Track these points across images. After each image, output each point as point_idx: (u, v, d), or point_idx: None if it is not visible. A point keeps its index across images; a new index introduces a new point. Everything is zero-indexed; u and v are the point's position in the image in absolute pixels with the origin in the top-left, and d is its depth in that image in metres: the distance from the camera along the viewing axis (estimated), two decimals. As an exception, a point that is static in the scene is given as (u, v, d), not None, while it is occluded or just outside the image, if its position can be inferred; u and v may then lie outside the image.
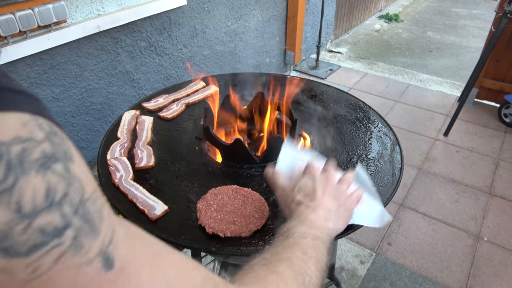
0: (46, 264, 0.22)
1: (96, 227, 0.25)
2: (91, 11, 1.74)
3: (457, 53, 4.17)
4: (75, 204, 0.24)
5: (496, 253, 1.84)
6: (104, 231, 0.26)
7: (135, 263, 0.27)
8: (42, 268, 0.22)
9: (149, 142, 1.12)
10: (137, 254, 0.28)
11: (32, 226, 0.21)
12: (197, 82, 1.45)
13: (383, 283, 1.71)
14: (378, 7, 5.36)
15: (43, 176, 0.22)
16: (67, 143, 0.26)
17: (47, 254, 0.22)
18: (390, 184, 0.97)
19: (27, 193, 0.21)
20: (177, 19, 2.17)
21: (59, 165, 0.23)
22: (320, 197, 0.62)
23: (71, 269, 0.23)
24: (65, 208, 0.23)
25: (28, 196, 0.21)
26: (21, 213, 0.21)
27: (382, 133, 1.18)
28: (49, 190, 0.22)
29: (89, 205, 0.25)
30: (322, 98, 1.39)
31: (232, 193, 0.91)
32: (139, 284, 0.27)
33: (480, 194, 2.18)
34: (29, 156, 0.22)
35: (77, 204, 0.24)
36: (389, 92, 3.25)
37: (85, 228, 0.24)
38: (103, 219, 0.26)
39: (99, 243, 0.25)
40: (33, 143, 0.22)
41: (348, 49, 4.18)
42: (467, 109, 2.94)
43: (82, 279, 0.23)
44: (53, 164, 0.23)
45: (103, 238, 0.25)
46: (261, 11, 2.86)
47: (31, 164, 0.22)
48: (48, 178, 0.22)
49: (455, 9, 5.75)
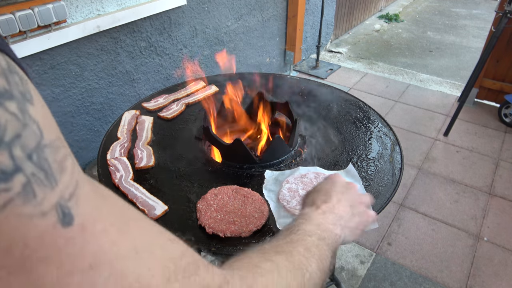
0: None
1: (54, 177, 0.23)
2: (91, 11, 1.74)
3: (457, 53, 4.17)
4: (29, 148, 0.21)
5: (496, 253, 1.84)
6: (63, 184, 0.23)
7: (99, 224, 0.25)
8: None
9: (149, 142, 1.12)
10: (103, 214, 0.26)
11: None
12: (197, 82, 1.45)
13: (383, 283, 1.71)
14: (378, 7, 5.36)
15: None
16: (28, 86, 0.24)
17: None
18: (390, 184, 0.97)
19: None
20: (177, 19, 2.17)
21: (13, 103, 0.21)
22: (334, 202, 0.59)
23: (21, 218, 0.21)
24: (15, 150, 0.21)
25: None
26: None
27: (382, 133, 1.18)
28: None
29: (47, 152, 0.23)
30: (322, 98, 1.39)
31: (232, 193, 0.91)
32: (101, 245, 0.24)
33: (480, 194, 2.18)
34: None
35: (31, 149, 0.22)
36: (389, 92, 3.25)
37: (39, 176, 0.22)
38: (64, 170, 0.24)
39: (55, 195, 0.22)
40: None
41: (348, 49, 4.18)
42: (467, 109, 2.94)
43: (33, 231, 0.21)
44: (5, 101, 0.21)
45: (61, 190, 0.23)
46: (261, 11, 2.86)
47: None
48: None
49: (455, 9, 5.75)
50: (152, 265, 0.26)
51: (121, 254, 0.25)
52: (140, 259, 0.26)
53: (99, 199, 0.26)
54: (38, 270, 0.22)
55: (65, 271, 0.22)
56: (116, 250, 0.25)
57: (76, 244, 0.23)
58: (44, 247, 0.22)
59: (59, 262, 0.22)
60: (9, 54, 0.23)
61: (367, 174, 1.00)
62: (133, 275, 0.25)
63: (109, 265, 0.24)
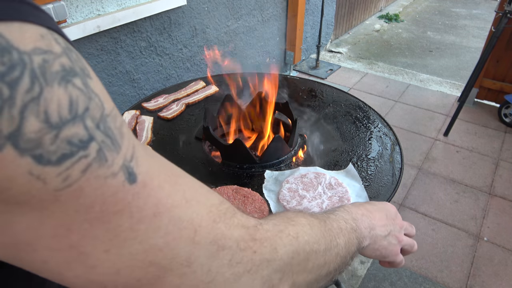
0: (75, 174, 0.23)
1: (118, 142, 0.26)
2: (91, 11, 1.74)
3: (457, 53, 4.17)
4: (96, 119, 0.24)
5: (496, 253, 1.84)
6: (125, 147, 0.27)
7: (156, 179, 0.29)
8: (72, 178, 0.23)
9: (149, 142, 1.12)
10: (157, 171, 0.30)
11: (60, 136, 0.22)
12: (197, 82, 1.45)
13: (383, 283, 1.71)
14: (378, 7, 5.36)
15: (65, 89, 0.23)
16: (83, 60, 0.26)
17: (76, 165, 0.23)
18: (390, 184, 0.97)
19: (52, 104, 0.22)
20: (177, 19, 2.17)
21: (78, 79, 0.24)
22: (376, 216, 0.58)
23: (98, 180, 0.24)
24: (87, 121, 0.24)
25: (54, 107, 0.22)
26: (49, 123, 0.22)
27: (382, 133, 1.17)
28: (72, 103, 0.23)
29: (109, 121, 0.26)
30: (322, 98, 1.39)
31: (232, 193, 0.91)
32: (160, 198, 0.29)
33: (480, 194, 2.18)
34: (50, 67, 0.22)
35: (98, 119, 0.25)
36: (389, 92, 3.25)
37: (107, 142, 0.25)
38: (123, 135, 0.27)
39: (121, 158, 0.26)
40: (52, 55, 0.23)
41: (348, 49, 4.18)
42: (467, 109, 2.94)
43: (108, 190, 0.25)
44: (72, 78, 0.23)
45: (125, 153, 0.26)
46: (261, 11, 2.86)
47: (53, 76, 0.22)
48: (70, 91, 0.23)
49: (455, 9, 5.75)
50: (199, 211, 0.31)
51: (175, 204, 0.30)
52: (190, 207, 0.31)
53: (151, 159, 0.30)
54: (114, 221, 0.26)
55: (135, 219, 0.27)
56: (171, 201, 0.29)
57: (141, 198, 0.27)
58: (117, 202, 0.26)
59: (130, 213, 0.26)
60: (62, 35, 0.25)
61: (367, 174, 1.00)
62: (186, 219, 0.30)
63: (167, 212, 0.29)
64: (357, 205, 0.59)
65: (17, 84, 0.20)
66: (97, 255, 0.26)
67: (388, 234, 0.60)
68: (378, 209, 0.60)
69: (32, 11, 0.23)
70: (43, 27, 0.23)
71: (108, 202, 0.25)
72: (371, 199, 0.92)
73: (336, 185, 0.93)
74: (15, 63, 0.20)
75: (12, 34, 0.21)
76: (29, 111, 0.21)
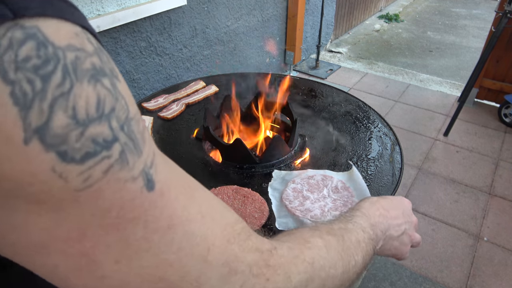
0: (96, 174, 0.23)
1: (139, 147, 0.26)
2: (91, 11, 1.74)
3: (457, 53, 4.17)
4: (121, 120, 0.24)
5: (496, 253, 1.84)
6: (146, 152, 0.26)
7: (173, 190, 0.28)
8: (93, 178, 0.23)
9: (149, 142, 1.12)
10: (175, 182, 0.29)
11: (85, 134, 0.22)
12: (197, 82, 1.45)
13: (383, 283, 1.71)
14: (378, 7, 5.36)
15: (94, 87, 0.23)
16: (112, 62, 0.26)
17: (98, 164, 0.23)
18: (390, 184, 0.96)
19: (81, 100, 0.22)
20: (177, 19, 2.17)
21: (107, 80, 0.24)
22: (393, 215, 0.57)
23: (118, 182, 0.24)
24: (113, 122, 0.24)
25: (82, 104, 0.22)
26: (76, 120, 0.21)
27: (382, 133, 1.17)
28: (99, 102, 0.23)
29: (133, 124, 0.26)
30: (322, 98, 1.39)
31: (232, 193, 0.91)
32: (176, 209, 0.28)
33: (480, 194, 2.18)
34: (82, 65, 0.22)
35: (123, 120, 0.25)
36: (389, 92, 3.25)
37: (129, 145, 0.25)
38: (145, 140, 0.27)
39: (141, 163, 0.26)
40: (84, 54, 0.23)
41: (348, 49, 4.18)
42: (467, 109, 2.94)
43: (127, 195, 0.25)
44: (102, 78, 0.24)
45: (145, 158, 0.26)
46: (261, 11, 2.86)
47: (84, 73, 0.22)
48: (98, 90, 0.23)
49: (455, 9, 5.75)
50: (214, 228, 0.30)
51: (190, 218, 0.29)
52: (205, 223, 0.30)
53: (169, 169, 0.30)
54: (129, 229, 0.25)
55: (150, 230, 0.26)
56: (186, 214, 0.29)
57: (157, 207, 0.27)
58: (134, 208, 0.25)
59: (145, 222, 0.26)
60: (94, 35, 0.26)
61: (367, 174, 1.00)
62: (200, 235, 0.29)
63: (182, 226, 0.28)
64: (374, 202, 0.58)
65: (50, 78, 0.20)
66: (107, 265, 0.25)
67: (402, 234, 0.59)
68: (395, 206, 0.59)
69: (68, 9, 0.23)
70: (77, 26, 0.23)
71: (125, 207, 0.25)
72: (371, 199, 0.92)
73: (343, 189, 0.93)
74: (50, 57, 0.21)
75: (49, 29, 0.21)
76: (58, 106, 0.21)
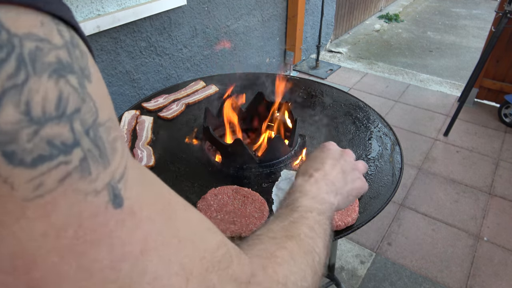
0: (51, 182, 0.20)
1: (107, 157, 0.23)
2: (91, 11, 1.74)
3: (457, 53, 4.17)
4: (87, 124, 0.21)
5: (496, 253, 1.84)
6: (115, 164, 0.23)
7: (147, 209, 0.25)
8: (46, 186, 0.20)
9: (149, 142, 1.12)
10: (151, 200, 0.26)
11: (40, 134, 0.19)
12: (197, 82, 1.45)
13: (383, 283, 1.71)
14: (378, 7, 5.36)
15: (55, 82, 0.20)
16: (88, 62, 0.23)
17: (53, 171, 0.20)
18: (390, 184, 0.97)
19: (37, 95, 0.19)
20: (177, 19, 2.17)
21: (73, 78, 0.21)
22: (327, 168, 0.58)
23: (77, 195, 0.21)
24: (75, 124, 0.21)
25: (38, 99, 0.19)
26: (29, 116, 0.19)
27: (382, 133, 1.18)
28: (60, 100, 0.20)
29: (102, 131, 0.23)
30: (322, 98, 1.39)
31: (232, 193, 0.91)
32: (149, 232, 0.24)
33: (480, 194, 2.18)
34: (43, 57, 0.20)
35: (89, 124, 0.22)
36: (389, 92, 3.25)
37: (94, 152, 0.22)
38: (115, 150, 0.24)
39: (108, 175, 0.22)
40: (48, 45, 0.20)
41: (348, 49, 4.18)
42: (467, 109, 2.94)
43: (87, 210, 0.21)
44: (67, 74, 0.21)
45: (113, 170, 0.23)
46: (261, 11, 2.86)
47: (45, 66, 0.20)
48: (61, 86, 0.20)
49: (455, 9, 5.75)
50: (192, 255, 0.27)
51: (166, 242, 0.25)
52: (182, 249, 0.26)
53: (146, 185, 0.26)
54: (90, 254, 0.21)
55: (118, 255, 0.22)
56: (162, 239, 0.25)
57: (126, 227, 0.23)
58: (96, 228, 0.21)
59: (110, 245, 0.22)
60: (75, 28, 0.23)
61: (367, 174, 1.00)
62: (177, 262, 0.25)
63: (156, 252, 0.24)
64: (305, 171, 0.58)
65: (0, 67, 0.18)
66: None
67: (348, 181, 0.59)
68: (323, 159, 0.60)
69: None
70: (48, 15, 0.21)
71: (85, 226, 0.21)
72: (371, 199, 0.92)
73: None
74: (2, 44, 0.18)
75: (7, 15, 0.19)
76: (8, 99, 0.18)
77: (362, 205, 0.89)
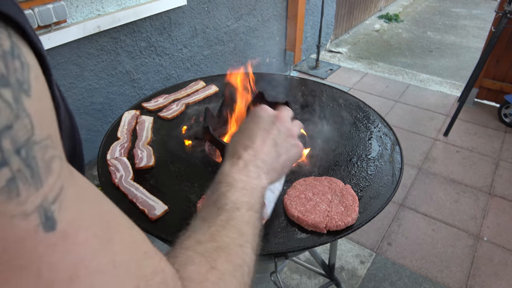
0: None
1: (39, 178, 0.21)
2: (91, 11, 1.74)
3: (457, 53, 4.17)
4: (18, 142, 0.20)
5: (496, 253, 1.84)
6: (49, 185, 0.22)
7: (84, 232, 0.23)
8: None
9: (149, 142, 1.12)
10: (87, 223, 0.24)
11: None
12: (197, 82, 1.45)
13: (383, 283, 1.71)
14: (378, 7, 5.36)
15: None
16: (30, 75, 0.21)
17: None
18: (390, 184, 0.97)
19: None
20: (177, 19, 2.17)
21: (8, 91, 0.19)
22: (257, 145, 0.53)
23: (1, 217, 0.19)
24: (4, 142, 0.19)
25: None
26: None
27: (382, 133, 1.18)
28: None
29: (36, 150, 0.21)
30: (322, 98, 1.39)
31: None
32: (83, 256, 0.23)
33: (480, 194, 2.18)
34: None
35: (21, 143, 0.20)
36: (389, 92, 3.25)
37: (25, 173, 0.20)
38: (50, 171, 0.22)
39: (39, 197, 0.21)
40: None
41: (348, 49, 4.18)
42: (467, 109, 2.94)
43: (13, 234, 0.19)
44: (1, 88, 0.19)
45: (46, 192, 0.21)
46: (261, 11, 2.86)
47: None
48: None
49: (455, 9, 5.75)
50: (125, 283, 0.25)
51: (99, 268, 0.24)
52: (116, 276, 0.25)
53: (85, 205, 0.25)
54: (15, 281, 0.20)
55: (45, 282, 0.21)
56: (96, 264, 0.23)
57: (57, 252, 0.21)
58: (23, 252, 0.20)
59: (38, 271, 0.20)
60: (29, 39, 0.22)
61: (367, 174, 1.00)
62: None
63: (88, 279, 0.23)
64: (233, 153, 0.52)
65: None
66: None
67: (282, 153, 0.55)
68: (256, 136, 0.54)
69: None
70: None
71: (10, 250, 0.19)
72: (371, 199, 0.92)
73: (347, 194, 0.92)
74: None
75: None
76: None
77: (362, 205, 0.89)
